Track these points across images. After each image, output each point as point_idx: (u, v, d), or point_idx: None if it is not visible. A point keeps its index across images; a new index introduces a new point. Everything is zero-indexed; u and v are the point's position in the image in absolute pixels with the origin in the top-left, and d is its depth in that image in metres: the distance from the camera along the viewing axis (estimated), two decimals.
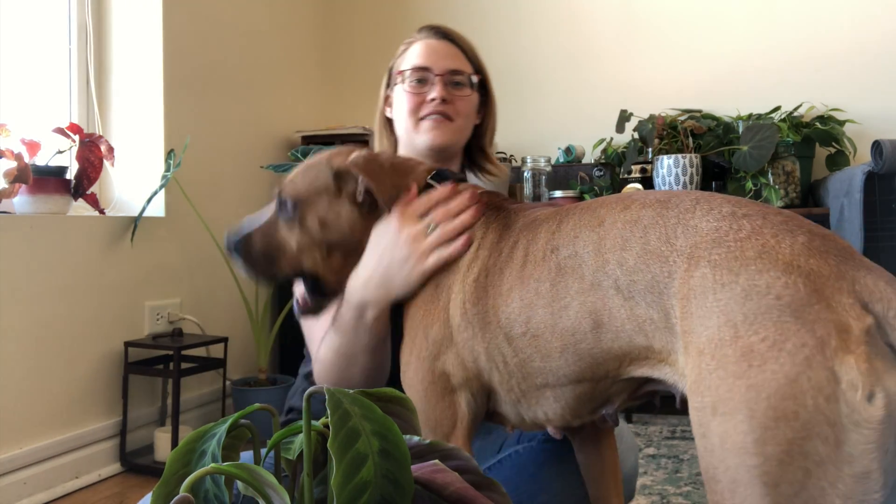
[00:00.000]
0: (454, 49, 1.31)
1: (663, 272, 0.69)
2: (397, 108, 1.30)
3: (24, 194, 2.08)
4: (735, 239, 0.64)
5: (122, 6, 2.52)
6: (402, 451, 0.46)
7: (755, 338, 0.58)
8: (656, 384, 0.78)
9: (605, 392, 0.82)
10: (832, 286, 0.58)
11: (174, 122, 2.53)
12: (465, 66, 1.30)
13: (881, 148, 2.17)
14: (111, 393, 2.26)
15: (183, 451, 0.50)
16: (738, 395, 0.58)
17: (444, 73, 1.27)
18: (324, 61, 3.54)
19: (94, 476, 2.16)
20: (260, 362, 2.70)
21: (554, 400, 0.85)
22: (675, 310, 0.67)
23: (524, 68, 3.26)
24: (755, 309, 0.59)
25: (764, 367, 0.57)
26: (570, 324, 0.78)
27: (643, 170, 2.83)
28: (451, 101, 1.26)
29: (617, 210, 0.78)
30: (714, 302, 0.62)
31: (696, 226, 0.68)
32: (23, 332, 1.99)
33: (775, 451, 0.56)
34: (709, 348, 0.61)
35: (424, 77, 1.27)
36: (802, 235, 0.62)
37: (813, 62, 2.91)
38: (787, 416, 0.55)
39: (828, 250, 0.61)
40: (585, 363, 0.79)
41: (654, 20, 3.15)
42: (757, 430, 0.57)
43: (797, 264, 0.60)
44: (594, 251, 0.77)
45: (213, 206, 2.67)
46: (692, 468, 2.15)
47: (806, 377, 0.55)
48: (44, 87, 2.39)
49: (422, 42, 1.31)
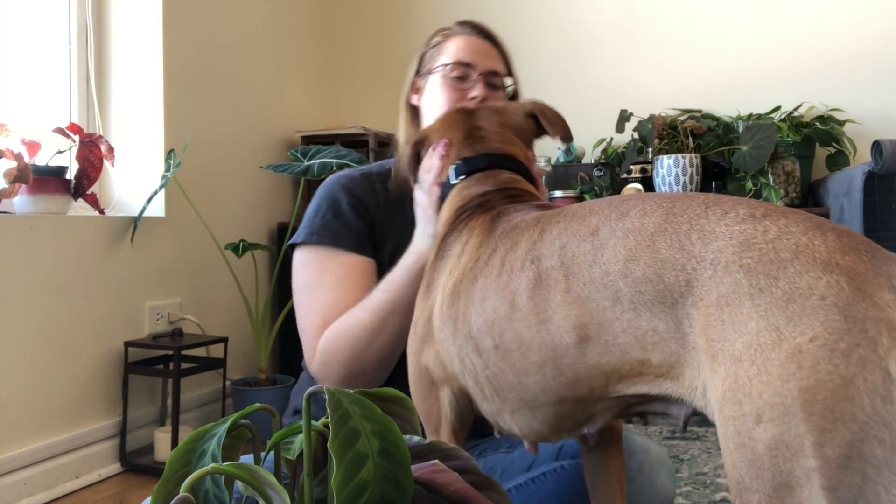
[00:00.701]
0: (495, 50, 1.34)
1: (679, 281, 0.66)
2: (431, 99, 1.30)
3: (24, 194, 2.08)
4: (765, 241, 0.62)
5: (122, 6, 2.52)
6: (402, 451, 0.46)
7: (802, 339, 0.56)
8: (649, 404, 0.75)
9: (588, 410, 0.78)
10: (872, 282, 0.57)
11: (174, 122, 2.53)
12: (502, 69, 1.34)
13: (881, 148, 2.17)
14: (111, 393, 2.26)
15: (183, 451, 0.50)
16: (790, 399, 0.56)
17: (486, 73, 1.29)
18: (324, 61, 3.54)
19: (94, 476, 2.16)
20: (260, 362, 2.70)
21: (531, 416, 0.82)
22: (691, 319, 0.65)
23: (524, 69, 3.25)
24: (799, 311, 0.57)
25: (817, 367, 0.55)
26: (550, 339, 0.75)
27: (643, 170, 2.83)
28: (487, 100, 1.27)
29: (613, 217, 0.74)
30: (752, 308, 0.60)
31: (713, 230, 0.66)
32: (23, 332, 1.99)
33: (835, 453, 0.54)
34: (748, 354, 0.59)
35: (466, 74, 1.28)
36: (831, 232, 0.61)
37: (813, 62, 2.91)
38: (846, 417, 0.54)
39: (857, 246, 0.59)
40: (566, 379, 0.75)
41: (654, 20, 3.15)
42: (815, 432, 0.55)
43: (835, 262, 0.58)
44: (588, 262, 0.73)
45: (213, 206, 2.67)
46: (692, 468, 2.15)
47: (862, 378, 0.54)
48: (44, 87, 2.39)
49: (464, 37, 1.32)
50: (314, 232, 1.26)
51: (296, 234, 1.30)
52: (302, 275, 1.27)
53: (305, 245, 1.27)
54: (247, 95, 2.95)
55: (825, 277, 0.58)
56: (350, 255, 1.25)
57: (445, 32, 1.34)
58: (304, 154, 2.73)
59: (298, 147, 2.85)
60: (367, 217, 1.29)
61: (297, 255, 1.29)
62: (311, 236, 1.26)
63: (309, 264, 1.26)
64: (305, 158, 2.71)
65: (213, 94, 2.75)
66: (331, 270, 1.24)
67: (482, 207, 0.95)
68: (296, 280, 1.28)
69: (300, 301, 1.26)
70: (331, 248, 1.25)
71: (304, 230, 1.28)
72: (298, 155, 2.74)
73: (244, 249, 2.54)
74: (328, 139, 3.08)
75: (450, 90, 1.27)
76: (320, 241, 1.25)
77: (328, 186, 1.31)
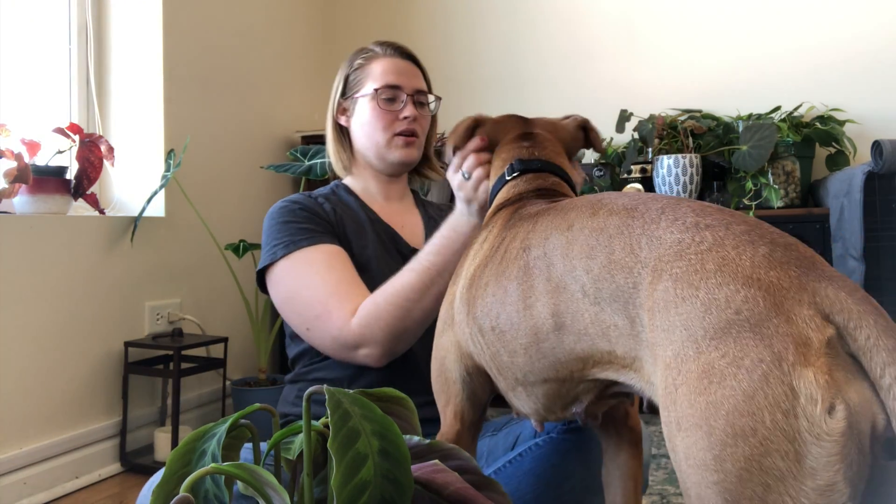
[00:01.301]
0: (417, 70, 1.41)
1: (628, 283, 0.69)
2: (362, 122, 1.37)
3: (24, 194, 2.08)
4: (696, 251, 0.64)
5: (122, 6, 2.52)
6: (402, 451, 0.46)
7: (715, 354, 0.58)
8: (622, 387, 0.79)
9: (572, 391, 0.83)
10: (792, 298, 0.57)
11: (174, 122, 2.53)
12: (426, 87, 1.42)
13: (881, 148, 2.17)
14: (111, 393, 2.26)
15: (183, 451, 0.50)
16: (698, 412, 0.58)
17: (414, 93, 1.37)
18: (324, 61, 3.54)
19: (94, 476, 2.16)
20: (260, 362, 2.70)
21: (526, 395, 0.87)
22: (641, 319, 0.67)
23: (524, 69, 3.26)
24: (715, 324, 0.59)
25: (723, 383, 0.57)
26: (534, 323, 0.79)
27: (643, 170, 2.83)
28: (417, 119, 1.37)
29: (586, 215, 0.78)
30: (676, 316, 0.62)
31: (660, 237, 0.68)
32: (23, 332, 1.99)
33: (734, 467, 0.56)
34: (675, 363, 0.61)
35: (395, 95, 1.36)
36: (764, 246, 0.62)
37: (813, 62, 2.91)
38: (745, 432, 0.55)
39: (789, 261, 0.60)
40: (549, 362, 0.80)
41: (653, 20, 3.15)
42: (716, 446, 0.56)
43: (756, 277, 0.59)
44: (562, 255, 0.77)
45: (213, 206, 2.67)
46: None
47: (763, 393, 0.55)
48: (44, 87, 2.39)
49: (388, 59, 1.38)
50: (282, 245, 1.26)
51: (262, 258, 1.29)
52: (287, 280, 1.26)
53: (278, 261, 1.26)
54: (247, 95, 2.95)
55: (743, 292, 0.59)
56: (327, 245, 1.26)
57: (367, 55, 1.41)
58: (305, 154, 2.73)
59: (298, 147, 2.85)
60: (323, 221, 1.31)
61: (272, 274, 1.28)
62: (284, 248, 1.25)
63: (291, 269, 1.25)
64: (306, 158, 2.71)
65: (213, 94, 2.75)
66: (318, 260, 1.24)
67: (517, 202, 1.00)
68: (282, 290, 1.27)
69: (299, 297, 1.24)
70: (306, 248, 1.25)
71: (270, 250, 1.27)
72: (298, 155, 2.74)
73: (244, 249, 2.54)
74: None
75: (383, 113, 1.35)
76: (294, 248, 1.25)
77: (276, 210, 1.32)
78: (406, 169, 1.42)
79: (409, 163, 1.39)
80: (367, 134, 1.37)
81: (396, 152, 1.36)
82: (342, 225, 1.34)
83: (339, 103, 1.43)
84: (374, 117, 1.35)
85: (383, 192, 1.44)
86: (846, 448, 0.53)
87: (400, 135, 1.35)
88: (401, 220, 1.43)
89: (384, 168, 1.40)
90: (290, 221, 1.28)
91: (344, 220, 1.34)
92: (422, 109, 1.40)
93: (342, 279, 1.23)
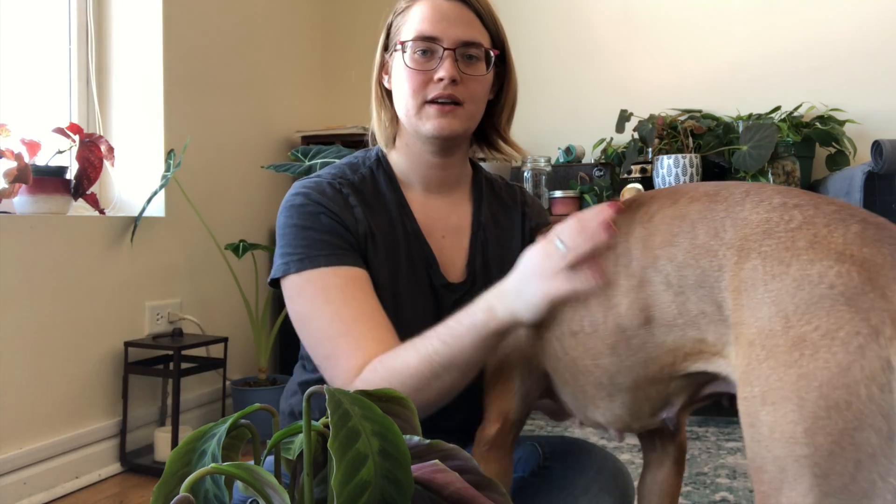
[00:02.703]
0: (469, 13, 1.07)
1: (713, 266, 0.69)
2: (397, 84, 1.10)
3: (24, 194, 2.08)
4: (786, 230, 0.63)
5: (122, 6, 2.52)
6: (402, 451, 0.46)
7: (808, 327, 0.57)
8: (716, 384, 0.77)
9: (663, 392, 0.80)
10: (887, 275, 0.57)
11: (174, 122, 2.53)
12: (481, 35, 1.08)
13: (881, 148, 2.16)
14: (111, 393, 2.26)
15: (183, 451, 0.50)
16: (788, 385, 0.57)
17: (456, 46, 1.05)
18: (324, 61, 3.54)
19: (94, 476, 2.16)
20: (260, 362, 2.70)
21: (609, 401, 0.83)
22: (727, 302, 0.67)
23: (524, 68, 3.25)
24: (807, 298, 0.58)
25: (816, 356, 0.56)
26: (620, 321, 0.78)
27: (643, 170, 2.83)
28: (461, 81, 1.05)
29: (666, 205, 0.77)
30: (765, 293, 0.61)
31: (745, 218, 0.68)
32: (23, 332, 1.99)
33: (825, 441, 0.55)
34: (759, 339, 0.61)
35: (431, 48, 1.05)
36: (856, 224, 0.61)
37: (813, 62, 2.91)
38: (839, 405, 0.54)
39: (882, 238, 0.60)
40: (639, 358, 0.77)
41: (654, 20, 3.15)
42: (807, 419, 0.55)
43: (850, 253, 0.59)
44: (642, 247, 0.77)
45: (213, 206, 2.67)
46: (692, 468, 2.15)
47: (859, 366, 0.54)
48: (44, 87, 2.39)
49: (429, 1, 1.07)
50: (296, 258, 1.05)
51: (276, 266, 1.08)
52: (300, 302, 1.05)
53: (290, 275, 1.05)
54: (247, 95, 2.95)
55: (836, 267, 0.58)
56: (348, 268, 1.04)
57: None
58: (305, 154, 2.73)
59: (299, 147, 2.85)
60: (348, 233, 1.08)
61: (287, 284, 1.06)
62: (298, 262, 1.04)
63: (304, 290, 1.05)
64: (306, 158, 2.71)
65: (213, 94, 2.75)
66: (335, 286, 1.03)
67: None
68: (294, 309, 1.06)
69: (310, 326, 1.05)
70: (323, 269, 1.03)
71: (285, 258, 1.06)
72: (299, 155, 2.74)
73: (244, 250, 2.54)
74: (328, 139, 3.08)
75: (412, 73, 1.06)
76: (309, 265, 1.04)
77: (296, 206, 1.08)
78: (446, 144, 1.10)
79: (444, 137, 1.07)
80: (398, 98, 1.10)
81: (428, 123, 1.06)
82: (370, 236, 1.09)
83: (383, 59, 1.14)
84: (402, 78, 1.07)
85: (426, 179, 1.15)
86: None
87: (432, 102, 1.05)
88: (441, 234, 1.15)
89: (420, 143, 1.12)
90: (309, 228, 1.06)
91: (372, 227, 1.09)
92: (472, 66, 1.06)
93: (358, 317, 1.02)
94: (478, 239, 1.17)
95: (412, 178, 1.15)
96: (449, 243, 1.15)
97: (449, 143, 1.10)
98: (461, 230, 1.17)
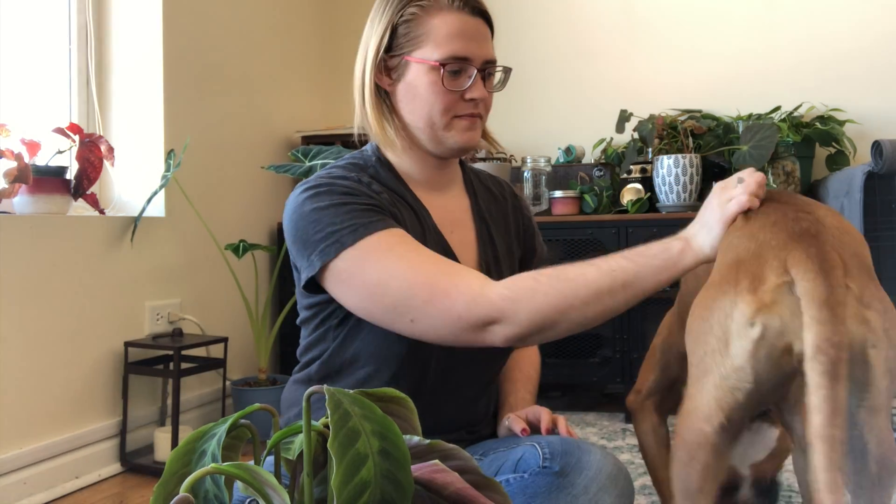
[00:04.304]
0: (487, 30, 1.12)
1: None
2: (416, 94, 1.09)
3: (24, 194, 2.08)
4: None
5: (122, 6, 2.52)
6: (402, 451, 0.46)
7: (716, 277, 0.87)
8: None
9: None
10: (771, 253, 0.81)
11: (174, 122, 2.53)
12: (494, 55, 1.13)
13: (881, 148, 2.16)
14: (111, 393, 2.26)
15: (183, 451, 0.50)
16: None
17: (484, 67, 1.10)
18: (324, 61, 3.54)
19: (94, 476, 2.16)
20: (260, 362, 2.70)
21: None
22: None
23: (524, 68, 3.25)
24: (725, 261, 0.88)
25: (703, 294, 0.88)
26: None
27: (643, 170, 2.83)
28: (484, 98, 1.10)
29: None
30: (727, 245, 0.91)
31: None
32: (23, 331, 1.99)
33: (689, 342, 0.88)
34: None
35: (463, 68, 1.07)
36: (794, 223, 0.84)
37: (813, 62, 2.91)
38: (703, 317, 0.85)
39: (793, 231, 0.82)
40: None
41: (654, 20, 3.15)
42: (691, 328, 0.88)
43: (757, 235, 0.85)
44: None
45: (213, 206, 2.67)
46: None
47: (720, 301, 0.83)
48: (44, 87, 2.39)
49: (455, 15, 1.07)
50: (353, 227, 0.99)
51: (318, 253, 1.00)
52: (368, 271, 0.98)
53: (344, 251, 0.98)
54: (247, 95, 2.95)
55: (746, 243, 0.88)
56: (399, 229, 1.02)
57: (423, 3, 1.09)
58: (306, 154, 2.73)
59: (299, 147, 2.85)
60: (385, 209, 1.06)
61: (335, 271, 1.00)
62: (353, 233, 0.99)
63: (368, 256, 0.98)
64: (307, 159, 2.71)
65: (213, 94, 2.75)
66: (398, 244, 1.00)
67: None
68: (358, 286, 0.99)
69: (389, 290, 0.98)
70: (380, 233, 0.99)
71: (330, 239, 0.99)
72: (299, 155, 2.74)
73: (244, 250, 2.54)
74: (328, 139, 3.08)
75: (445, 93, 1.07)
76: (364, 233, 0.99)
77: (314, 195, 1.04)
78: (465, 154, 1.16)
79: (469, 148, 1.13)
80: (419, 111, 1.10)
81: (456, 136, 1.09)
82: (401, 221, 1.07)
83: (383, 60, 1.12)
84: (434, 95, 1.07)
85: (430, 179, 1.17)
86: (756, 347, 0.78)
87: (460, 117, 1.09)
88: (450, 230, 1.17)
89: (438, 151, 1.13)
90: (346, 203, 1.01)
91: (398, 217, 1.08)
92: (489, 83, 1.12)
93: (439, 259, 1.00)
94: (483, 232, 1.20)
95: (415, 177, 1.16)
96: (457, 238, 1.17)
97: (467, 153, 1.16)
98: (464, 224, 1.20)
